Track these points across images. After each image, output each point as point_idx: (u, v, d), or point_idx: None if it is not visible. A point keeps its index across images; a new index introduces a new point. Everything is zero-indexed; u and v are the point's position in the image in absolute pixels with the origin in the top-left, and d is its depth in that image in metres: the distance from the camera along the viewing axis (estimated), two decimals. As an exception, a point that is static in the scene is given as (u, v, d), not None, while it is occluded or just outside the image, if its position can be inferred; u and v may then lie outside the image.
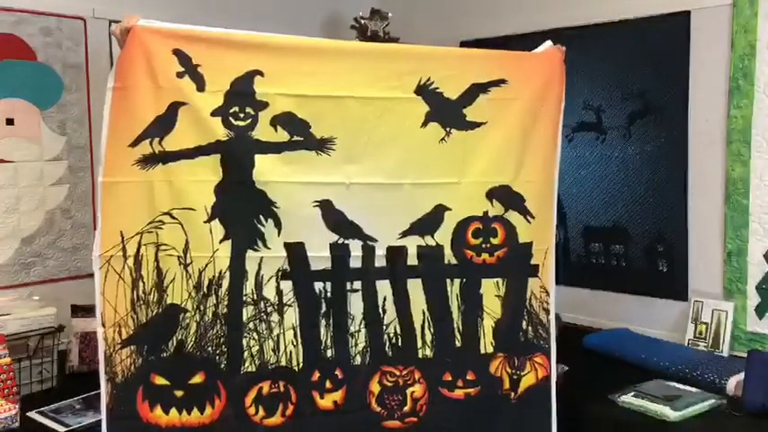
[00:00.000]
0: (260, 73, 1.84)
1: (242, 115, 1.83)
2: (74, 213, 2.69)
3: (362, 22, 3.18)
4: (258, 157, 1.85)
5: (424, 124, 1.96)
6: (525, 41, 3.06)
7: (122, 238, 1.79)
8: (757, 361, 2.15)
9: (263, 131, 1.86)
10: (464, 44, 3.21)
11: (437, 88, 1.96)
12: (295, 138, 1.88)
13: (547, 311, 2.08)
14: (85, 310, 2.38)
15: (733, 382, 2.19)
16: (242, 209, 1.85)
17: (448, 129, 1.97)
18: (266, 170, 1.85)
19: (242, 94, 1.83)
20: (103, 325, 1.79)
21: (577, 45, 2.86)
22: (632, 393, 2.20)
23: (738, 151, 2.51)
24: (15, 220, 2.57)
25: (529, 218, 2.05)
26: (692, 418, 2.07)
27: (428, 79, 1.95)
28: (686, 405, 2.10)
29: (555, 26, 2.90)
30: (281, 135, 1.87)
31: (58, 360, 2.37)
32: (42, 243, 2.64)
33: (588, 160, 2.93)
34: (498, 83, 2.00)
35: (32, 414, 2.13)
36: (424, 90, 1.95)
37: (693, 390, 2.22)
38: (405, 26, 3.23)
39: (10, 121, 2.54)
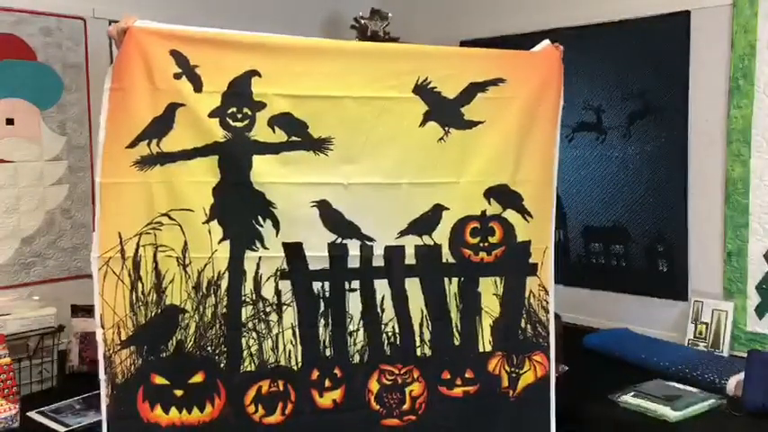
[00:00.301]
0: (257, 73, 1.84)
1: (239, 116, 1.83)
2: (74, 213, 2.70)
3: (362, 22, 3.18)
4: (256, 158, 1.85)
5: (423, 123, 1.96)
6: (525, 41, 3.05)
7: (121, 239, 1.79)
8: (757, 361, 2.15)
9: (261, 132, 1.85)
10: (464, 44, 3.21)
11: (435, 87, 1.96)
12: (293, 138, 1.88)
13: (546, 310, 2.08)
14: (85, 310, 2.39)
15: (733, 382, 2.19)
16: (240, 209, 1.85)
17: (446, 128, 1.97)
18: (264, 171, 1.85)
19: (239, 94, 1.83)
20: (103, 326, 1.79)
21: (577, 45, 2.87)
22: (632, 393, 2.20)
23: (738, 151, 2.51)
24: (15, 220, 2.57)
25: (527, 217, 2.05)
26: (692, 418, 2.07)
27: (426, 78, 1.95)
28: (686, 405, 2.10)
29: (555, 26, 2.90)
30: (279, 136, 1.87)
31: (58, 360, 2.38)
32: (42, 243, 2.64)
33: (588, 160, 2.93)
34: (496, 82, 2.00)
35: (32, 414, 2.13)
36: (422, 89, 1.95)
37: (693, 390, 2.23)
38: (405, 26, 3.23)
39: (10, 121, 2.54)
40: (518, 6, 3.10)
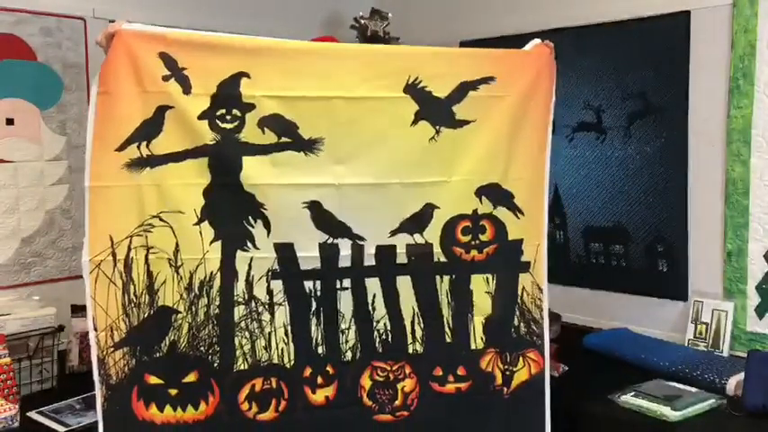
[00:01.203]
0: (246, 75, 1.84)
1: (229, 117, 1.84)
2: (74, 213, 2.69)
3: (362, 22, 3.18)
4: (246, 160, 1.85)
5: (414, 123, 1.96)
6: (525, 41, 3.06)
7: (112, 242, 1.79)
8: (757, 361, 2.16)
9: (251, 133, 1.86)
10: (463, 44, 3.21)
11: (426, 87, 1.96)
12: (283, 139, 1.88)
13: (540, 308, 2.08)
14: (86, 310, 2.38)
15: (733, 382, 2.19)
16: (231, 211, 1.86)
17: (437, 127, 1.97)
18: (254, 172, 1.86)
19: (228, 96, 1.83)
20: (96, 328, 1.80)
21: (577, 45, 2.87)
22: (632, 393, 2.20)
23: (738, 151, 2.51)
24: (15, 220, 2.57)
25: (518, 214, 2.05)
26: (693, 418, 2.07)
27: (417, 78, 1.95)
28: (686, 405, 2.11)
29: (555, 26, 2.90)
30: (269, 137, 1.87)
31: (57, 360, 2.38)
32: (42, 243, 2.64)
33: (588, 160, 2.93)
34: (487, 80, 2.00)
35: (32, 414, 2.14)
36: (412, 88, 1.95)
37: (693, 390, 2.23)
38: (404, 26, 3.23)
39: (10, 121, 2.54)
40: (518, 6, 3.10)
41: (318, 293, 1.93)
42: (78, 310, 2.44)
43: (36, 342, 2.31)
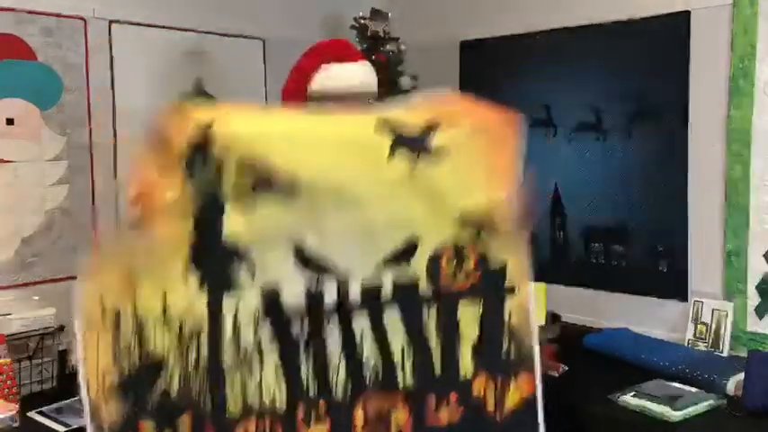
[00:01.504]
0: (215, 122, 1.85)
1: (204, 166, 1.84)
2: (74, 213, 2.69)
3: (362, 22, 3.18)
4: (227, 207, 1.86)
5: (391, 154, 1.96)
6: (525, 41, 3.07)
7: (102, 299, 1.81)
8: (757, 361, 2.15)
9: (229, 180, 1.86)
10: (464, 44, 3.22)
11: (396, 126, 1.97)
12: (260, 184, 1.88)
13: (529, 329, 2.08)
14: (85, 310, 2.39)
15: (733, 382, 2.19)
16: (215, 257, 1.86)
17: (415, 155, 1.97)
18: (235, 218, 1.86)
19: (201, 145, 1.84)
20: (87, 379, 1.81)
21: (577, 45, 2.88)
22: (632, 393, 2.20)
23: (738, 151, 2.51)
24: (15, 220, 2.57)
25: (500, 240, 2.05)
26: (693, 418, 2.07)
27: (386, 120, 1.96)
28: (686, 405, 2.10)
29: (555, 26, 2.90)
30: (246, 182, 1.87)
31: (58, 360, 2.38)
32: (42, 243, 2.63)
33: (588, 160, 2.93)
34: (454, 124, 2.01)
35: (32, 414, 2.13)
36: (383, 126, 1.96)
37: (693, 390, 2.22)
38: (404, 26, 3.23)
39: (10, 121, 2.54)
40: (518, 6, 3.09)
41: (306, 334, 1.93)
42: (78, 310, 2.45)
43: (36, 342, 2.30)
